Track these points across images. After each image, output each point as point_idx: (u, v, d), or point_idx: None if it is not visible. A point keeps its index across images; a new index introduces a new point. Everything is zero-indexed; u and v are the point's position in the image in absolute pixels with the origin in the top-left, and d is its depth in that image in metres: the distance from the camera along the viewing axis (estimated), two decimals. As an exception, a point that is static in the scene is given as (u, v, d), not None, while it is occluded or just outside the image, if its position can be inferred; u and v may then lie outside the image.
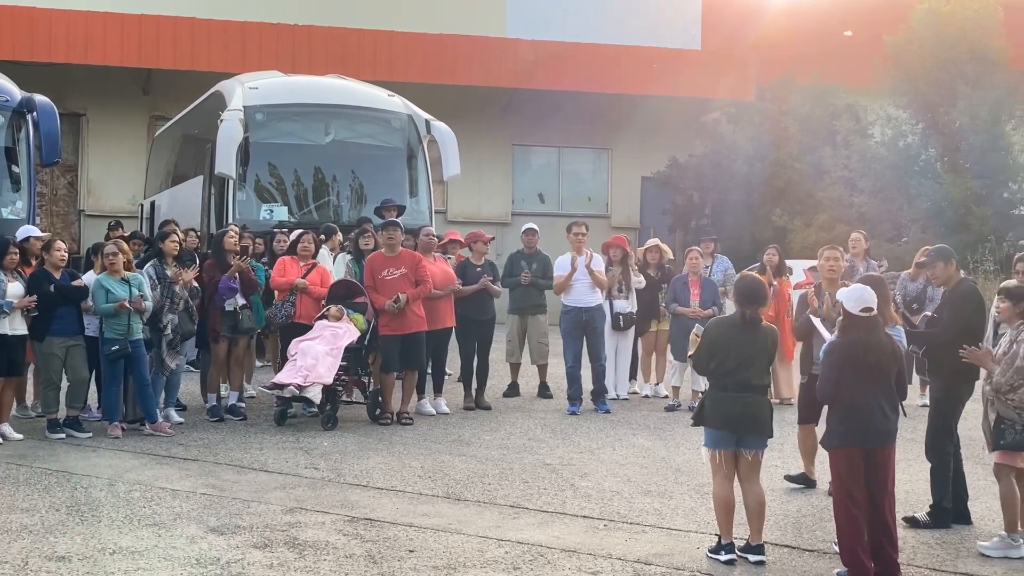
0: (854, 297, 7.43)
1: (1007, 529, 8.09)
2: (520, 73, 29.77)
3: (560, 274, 13.60)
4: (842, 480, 7.35)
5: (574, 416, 13.18)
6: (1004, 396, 8.02)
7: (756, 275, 8.77)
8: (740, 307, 7.94)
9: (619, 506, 9.17)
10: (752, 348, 7.85)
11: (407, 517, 8.67)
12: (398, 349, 12.35)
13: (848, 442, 7.32)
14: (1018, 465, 8.19)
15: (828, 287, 9.94)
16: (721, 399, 7.82)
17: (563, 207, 32.11)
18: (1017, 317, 8.24)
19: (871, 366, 7.33)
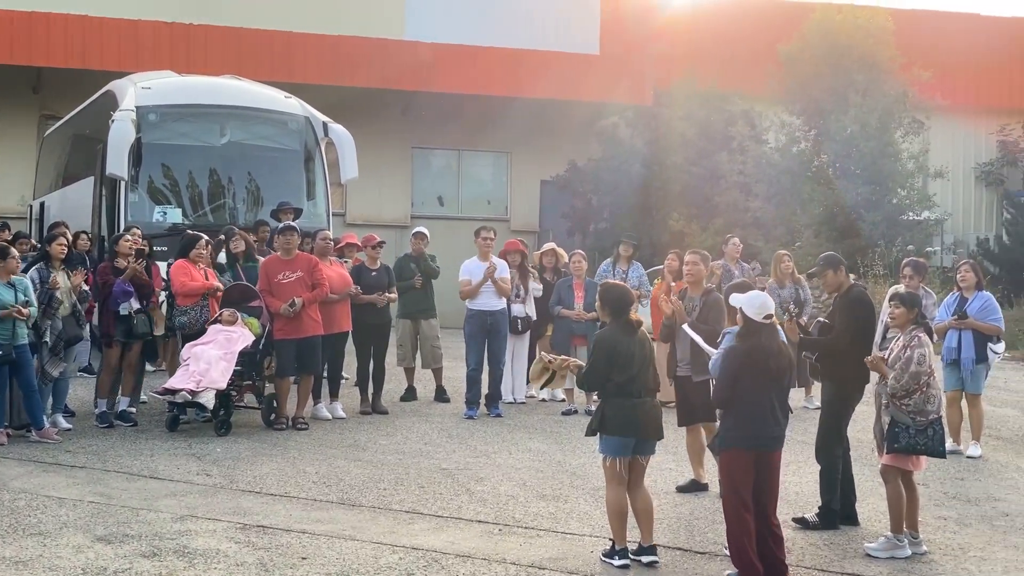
0: (756, 304, 7.50)
1: (893, 530, 8.24)
2: (419, 75, 29.68)
3: (467, 279, 13.56)
4: (733, 482, 7.42)
5: (471, 420, 13.14)
6: (899, 401, 8.16)
7: (620, 283, 8.84)
8: (617, 316, 7.95)
9: (514, 510, 9.17)
10: (641, 352, 7.89)
11: (300, 524, 8.58)
12: (293, 353, 12.23)
13: (742, 445, 7.39)
14: (907, 468, 8.35)
15: (691, 291, 10.09)
16: (625, 406, 7.79)
17: (463, 210, 32.13)
18: (909, 323, 8.40)
19: (771, 372, 7.42)
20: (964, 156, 34.41)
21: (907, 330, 8.42)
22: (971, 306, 11.84)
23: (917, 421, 8.17)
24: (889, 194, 26.81)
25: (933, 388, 8.26)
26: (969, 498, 9.94)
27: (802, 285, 14.20)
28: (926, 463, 8.58)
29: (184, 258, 12.42)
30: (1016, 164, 34.64)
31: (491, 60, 30.30)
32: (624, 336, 7.90)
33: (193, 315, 12.42)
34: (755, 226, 28.82)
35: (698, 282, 10.17)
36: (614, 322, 7.97)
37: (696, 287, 10.14)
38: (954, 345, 11.76)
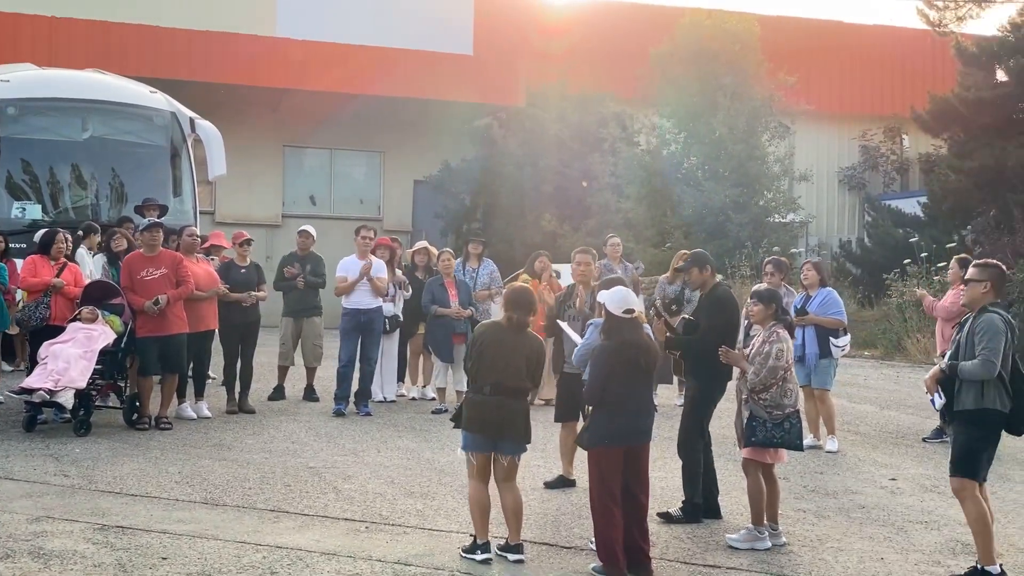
0: (616, 299, 7.56)
1: (754, 522, 8.38)
2: (291, 73, 29.36)
3: (343, 276, 13.46)
4: (603, 477, 7.46)
5: (340, 418, 13.04)
6: (757, 395, 8.29)
7: (526, 283, 8.87)
8: (508, 312, 7.96)
9: (382, 508, 9.11)
10: (515, 354, 7.87)
11: (161, 524, 8.41)
12: (157, 352, 11.99)
13: (612, 441, 7.44)
14: (765, 461, 8.50)
15: (584, 289, 10.15)
16: (478, 403, 7.82)
17: (335, 209, 31.89)
18: (768, 319, 8.55)
19: (640, 367, 7.49)
20: (828, 160, 35.21)
21: (767, 326, 8.56)
22: (812, 303, 12.14)
23: (773, 415, 8.32)
24: (756, 196, 27.31)
25: (790, 383, 8.42)
26: (827, 491, 10.15)
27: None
28: (786, 456, 8.74)
29: (42, 254, 12.09)
30: (877, 168, 35.59)
31: (364, 59, 30.10)
32: (499, 333, 7.89)
33: (28, 311, 12.13)
34: (626, 227, 29.12)
35: (588, 281, 10.21)
36: (504, 318, 7.95)
37: (585, 285, 10.17)
38: (799, 342, 12.00)
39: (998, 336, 7.27)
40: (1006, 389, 7.33)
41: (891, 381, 18.06)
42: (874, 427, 13.66)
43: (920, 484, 10.56)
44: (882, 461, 11.60)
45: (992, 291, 7.55)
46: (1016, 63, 26.94)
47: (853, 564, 7.97)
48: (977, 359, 7.25)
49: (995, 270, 7.63)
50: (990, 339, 7.26)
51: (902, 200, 32.15)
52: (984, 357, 7.24)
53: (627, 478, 7.50)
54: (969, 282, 7.52)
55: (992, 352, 7.23)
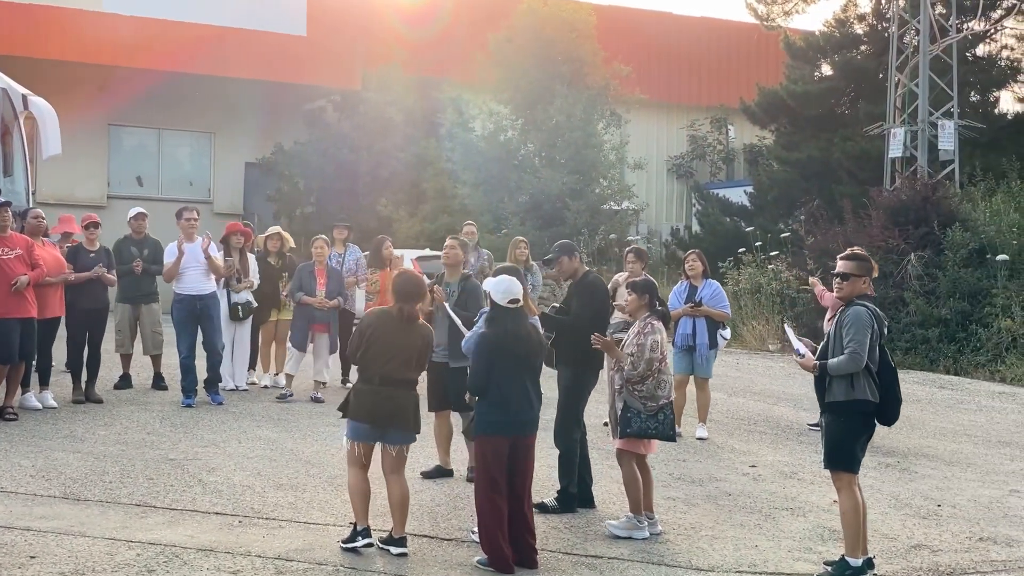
0: (501, 289, 7.54)
1: (632, 510, 8.47)
2: (118, 50, 28.46)
3: (169, 261, 13.04)
4: (487, 468, 7.44)
5: (191, 408, 12.71)
6: (632, 387, 8.37)
7: (414, 271, 8.78)
8: (397, 302, 7.86)
9: (252, 501, 8.92)
10: (404, 343, 7.78)
11: (23, 520, 8.07)
12: (18, 336, 11.44)
13: (498, 431, 7.42)
14: (639, 451, 8.59)
15: (448, 276, 10.12)
16: (365, 392, 7.73)
17: (163, 191, 31.11)
18: (642, 309, 8.63)
19: (521, 357, 7.47)
20: (657, 149, 35.89)
21: (641, 316, 8.64)
22: (703, 293, 12.35)
23: (648, 406, 8.40)
24: (592, 184, 27.64)
25: (664, 374, 8.51)
26: (693, 479, 10.34)
27: (533, 271, 14.43)
28: (657, 447, 8.86)
29: None
30: (704, 158, 36.43)
31: (193, 37, 29.37)
32: (388, 323, 7.78)
33: None
34: (462, 212, 29.14)
35: (456, 267, 10.15)
36: (393, 307, 7.85)
37: (454, 272, 10.11)
38: (689, 331, 12.22)
39: (864, 329, 7.47)
40: (874, 380, 7.54)
41: (732, 368, 18.50)
42: (725, 414, 13.97)
43: (779, 471, 10.84)
44: (740, 448, 11.88)
45: (869, 284, 7.78)
46: (841, 58, 27.88)
47: (729, 552, 8.13)
48: (844, 353, 7.44)
49: (868, 263, 7.85)
50: (856, 331, 7.45)
51: (729, 189, 32.96)
52: (851, 350, 7.42)
53: (511, 470, 7.50)
54: (849, 277, 7.68)
55: (859, 344, 7.42)
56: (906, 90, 25.02)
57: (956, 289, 19.60)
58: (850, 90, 28.87)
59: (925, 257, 19.58)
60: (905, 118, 24.88)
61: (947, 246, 20.01)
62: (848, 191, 24.88)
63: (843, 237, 20.35)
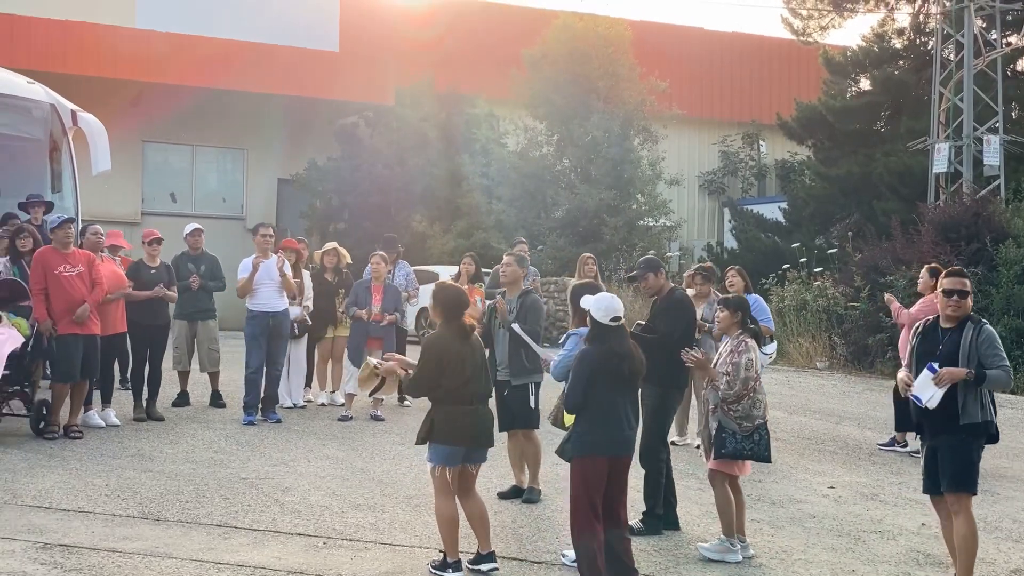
0: (603, 306, 7.37)
1: (724, 533, 8.29)
2: (151, 66, 28.49)
3: (243, 276, 12.95)
4: (586, 489, 7.24)
5: (252, 426, 12.56)
6: (727, 406, 8.20)
7: (454, 283, 8.65)
8: (449, 319, 7.71)
9: (332, 522, 8.77)
10: (474, 357, 7.67)
11: (107, 541, 7.94)
12: (80, 355, 11.32)
13: (597, 451, 7.23)
14: (733, 473, 8.42)
15: (508, 293, 9.98)
16: (455, 413, 7.54)
17: (196, 207, 31.08)
18: (735, 327, 8.47)
19: (624, 376, 7.31)
20: (689, 165, 35.76)
21: (734, 335, 8.48)
22: None
23: (743, 427, 8.23)
24: (629, 200, 27.50)
25: (760, 393, 8.34)
26: (772, 500, 10.15)
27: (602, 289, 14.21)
28: (751, 467, 8.69)
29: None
30: (736, 174, 36.28)
31: (226, 53, 29.42)
32: (456, 340, 7.64)
33: None
34: (497, 228, 29.08)
35: (515, 283, 10.01)
36: (445, 325, 7.71)
37: (513, 288, 9.98)
38: None
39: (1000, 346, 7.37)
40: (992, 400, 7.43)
41: (784, 386, 18.29)
42: (791, 433, 13.76)
43: (859, 492, 10.64)
44: (813, 468, 11.67)
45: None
46: (880, 72, 27.71)
47: None
48: (998, 369, 7.25)
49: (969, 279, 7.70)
50: (999, 348, 7.32)
51: (762, 205, 32.80)
52: (1005, 367, 7.25)
53: (609, 492, 7.31)
54: (965, 295, 7.46)
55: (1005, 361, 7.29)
56: (950, 105, 24.83)
57: (1010, 306, 19.36)
58: (890, 105, 28.68)
59: (979, 274, 19.35)
60: (949, 133, 24.68)
61: (1000, 262, 19.78)
62: (890, 207, 24.69)
63: (892, 253, 20.17)
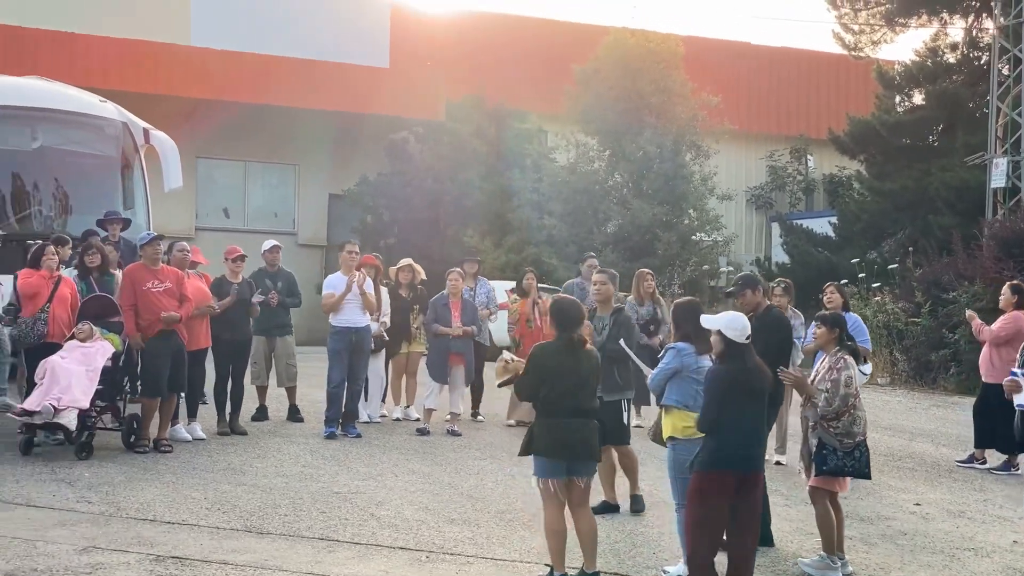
0: (737, 325, 7.44)
1: (825, 550, 8.35)
2: (205, 83, 28.79)
3: (331, 292, 13.13)
4: (707, 504, 7.30)
5: (339, 441, 12.71)
6: (827, 423, 8.26)
7: (571, 297, 8.74)
8: (562, 331, 7.82)
9: (431, 536, 8.89)
10: (581, 372, 7.75)
11: (216, 554, 8.10)
12: (168, 370, 11.52)
13: (728, 466, 7.30)
14: (834, 489, 8.48)
15: (600, 310, 10.08)
16: (554, 426, 7.64)
17: (249, 223, 31.31)
18: (832, 344, 8.53)
19: (756, 391, 7.38)
20: (736, 180, 35.76)
21: (831, 351, 8.54)
22: None
23: (844, 443, 8.29)
24: (682, 215, 27.56)
25: (860, 410, 8.39)
26: (861, 517, 10.18)
27: (660, 304, 14.34)
28: (850, 484, 8.75)
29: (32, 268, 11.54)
30: (784, 188, 36.25)
31: (278, 70, 29.67)
32: (561, 352, 7.75)
33: (25, 327, 11.57)
34: (548, 243, 29.17)
35: (607, 301, 10.13)
36: (556, 337, 7.83)
37: (605, 306, 10.09)
38: None
39: None
40: None
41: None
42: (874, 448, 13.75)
43: (946, 509, 10.67)
44: (896, 485, 11.69)
45: None
46: (934, 87, 27.69)
47: (929, 591, 8.02)
48: None
49: None
50: None
51: (811, 220, 32.75)
52: None
53: (736, 507, 7.37)
54: None
55: None
56: (1008, 119, 24.78)
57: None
58: (944, 119, 28.63)
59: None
60: (1007, 148, 24.64)
61: (1065, 277, 19.70)
62: (946, 222, 24.64)
63: (954, 268, 20.15)
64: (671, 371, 8.11)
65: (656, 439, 8.49)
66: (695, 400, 7.91)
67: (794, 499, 10.58)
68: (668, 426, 8.17)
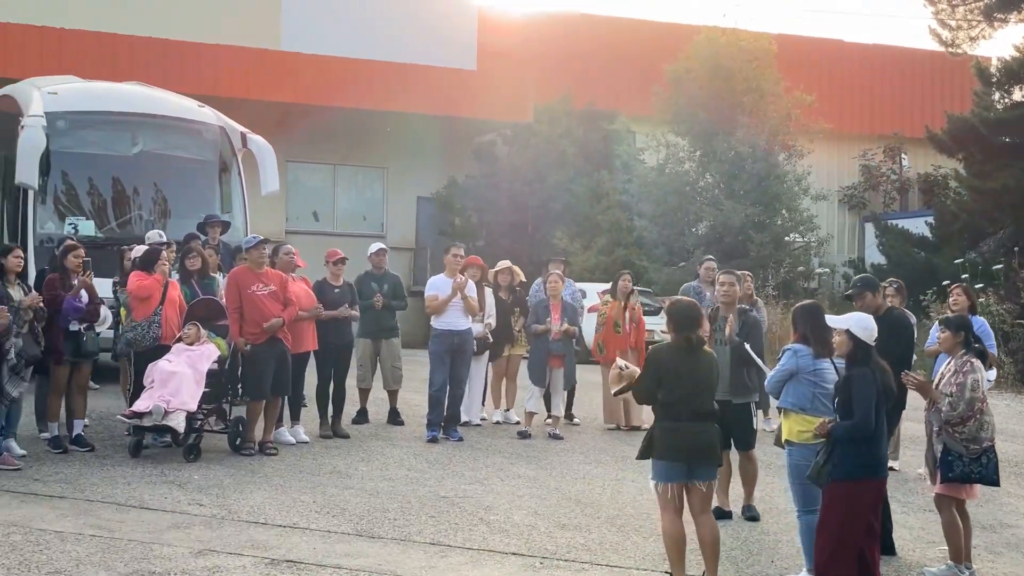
0: (867, 326, 7.29)
1: (952, 559, 8.13)
2: (295, 88, 28.98)
3: (434, 294, 13.06)
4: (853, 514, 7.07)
5: (443, 444, 12.64)
6: (952, 428, 8.02)
7: (689, 298, 8.58)
8: (679, 332, 7.67)
9: (543, 541, 8.78)
10: (699, 373, 7.60)
11: (330, 558, 8.05)
12: (272, 373, 11.53)
13: (875, 474, 7.10)
14: (960, 496, 8.24)
15: (725, 311, 9.89)
16: (673, 429, 7.50)
17: (338, 226, 31.48)
18: (958, 347, 8.29)
19: (890, 392, 7.20)
20: (827, 179, 35.21)
21: (957, 355, 8.30)
22: None
23: (971, 449, 8.04)
24: (775, 216, 27.22)
25: (987, 415, 8.14)
26: (984, 525, 9.88)
27: (758, 306, 14.10)
28: (980, 491, 8.49)
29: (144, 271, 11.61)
30: (877, 188, 35.65)
31: (367, 74, 29.78)
32: (678, 354, 7.60)
33: (140, 331, 11.62)
34: (638, 244, 28.99)
35: (732, 302, 9.94)
36: (674, 338, 7.69)
37: (730, 307, 9.91)
38: None
39: None
40: None
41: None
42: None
43: (1070, 515, 10.39)
44: (1015, 492, 11.39)
45: None
46: (1037, 84, 27.07)
47: (1062, 601, 7.76)
48: None
49: None
50: None
51: (907, 220, 32.13)
52: None
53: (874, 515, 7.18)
54: None
55: None
56: (1117, 117, 24.16)
57: None
58: (1047, 117, 27.90)
59: None
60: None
61: None
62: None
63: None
64: (787, 373, 7.92)
65: (777, 442, 8.32)
66: (811, 403, 7.75)
67: (911, 506, 10.33)
68: (785, 429, 7.99)
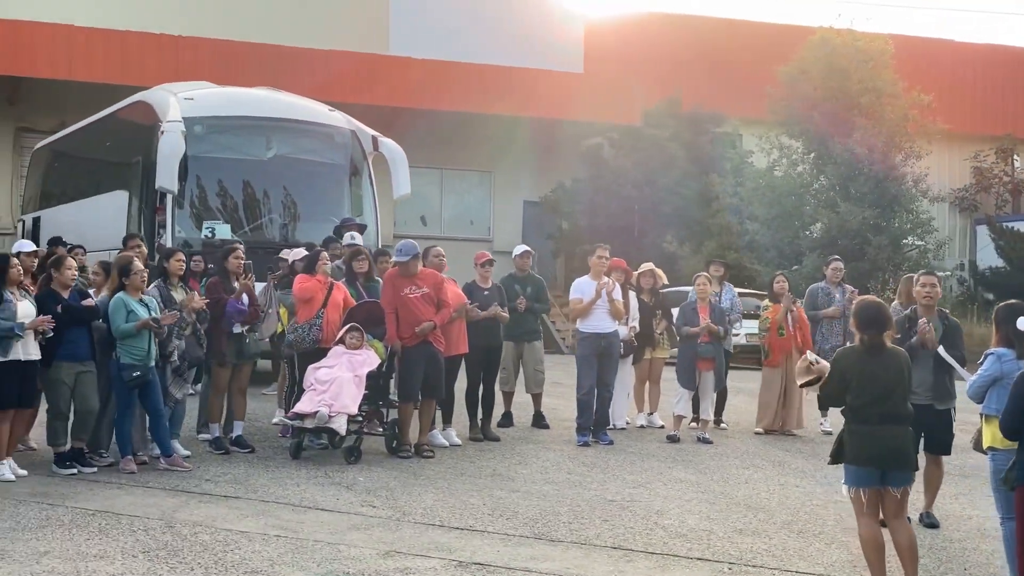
0: None
1: None
2: (403, 92, 29.15)
3: (578, 297, 12.98)
4: None
5: (596, 448, 12.55)
6: None
7: (876, 298, 8.39)
8: (861, 333, 7.50)
9: (724, 547, 8.64)
10: (887, 375, 7.40)
11: (516, 561, 7.98)
12: (422, 375, 11.54)
13: None
14: None
15: (925, 314, 9.64)
16: (862, 433, 7.32)
17: (445, 230, 31.61)
18: None
19: None
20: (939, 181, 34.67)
21: None
22: None
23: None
24: (893, 218, 26.84)
25: None
26: None
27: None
28: None
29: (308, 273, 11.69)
30: (990, 190, 35.04)
31: (475, 77, 29.91)
32: (864, 356, 7.43)
33: (301, 333, 11.67)
34: (749, 248, 28.73)
35: (933, 306, 9.73)
36: (859, 340, 7.52)
37: (930, 311, 9.69)
38: None
39: None
40: None
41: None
42: None
43: None
44: None
45: None
46: None
47: None
48: None
49: None
50: None
51: (1021, 222, 31.56)
52: None
53: None
54: None
55: None
56: None
57: None
58: None
59: None
60: None
61: None
62: None
63: None
64: (991, 378, 7.71)
65: (977, 447, 8.12)
66: None
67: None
68: (988, 435, 7.78)
